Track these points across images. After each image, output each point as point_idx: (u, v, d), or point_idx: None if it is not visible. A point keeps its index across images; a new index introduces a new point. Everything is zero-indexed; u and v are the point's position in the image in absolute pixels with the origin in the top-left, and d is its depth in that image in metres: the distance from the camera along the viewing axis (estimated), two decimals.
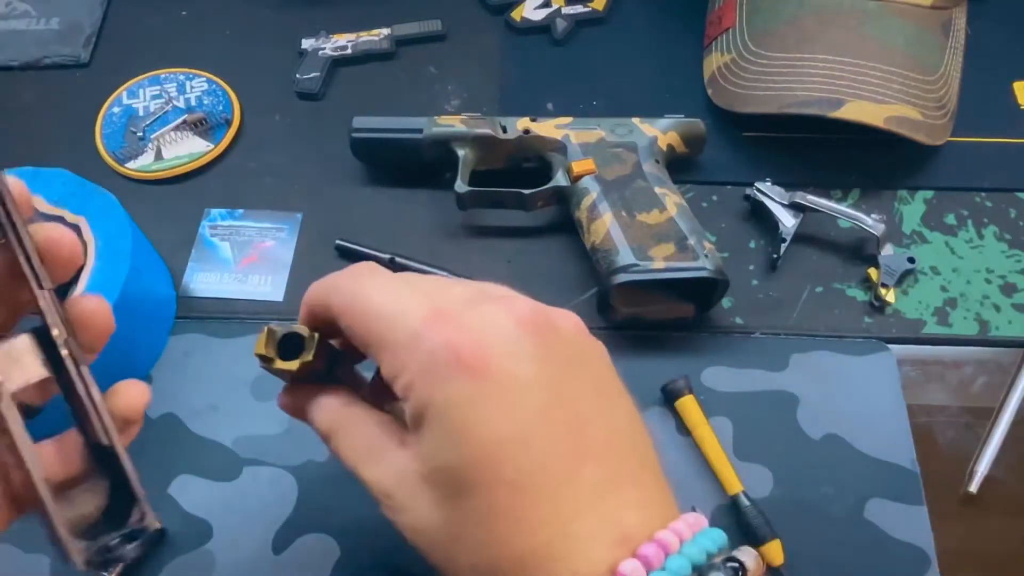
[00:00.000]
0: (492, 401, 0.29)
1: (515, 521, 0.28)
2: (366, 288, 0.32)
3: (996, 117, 0.61)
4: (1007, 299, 0.54)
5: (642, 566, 0.27)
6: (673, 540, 0.28)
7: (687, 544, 0.28)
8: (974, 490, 0.48)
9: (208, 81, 0.65)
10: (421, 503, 0.30)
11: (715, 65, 0.61)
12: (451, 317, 0.30)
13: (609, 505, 0.29)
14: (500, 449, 0.28)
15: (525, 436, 0.29)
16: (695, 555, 0.28)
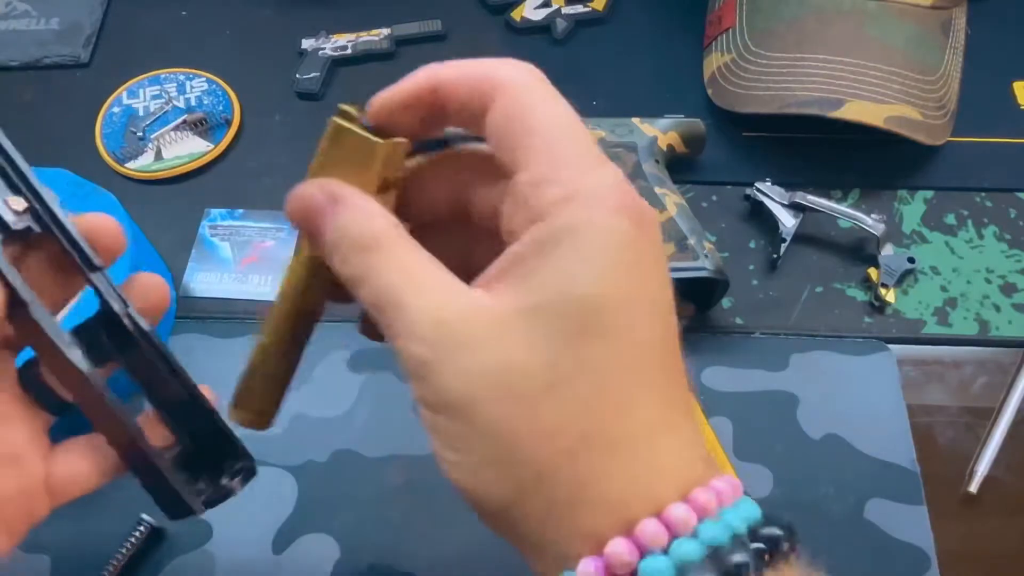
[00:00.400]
0: (643, 257, 0.25)
1: (630, 389, 0.24)
2: (546, 87, 0.28)
3: (996, 117, 0.61)
4: (1007, 299, 0.54)
5: (716, 501, 0.24)
6: (728, 495, 0.24)
7: (727, 510, 0.24)
8: (974, 490, 0.48)
9: (208, 81, 0.65)
10: (513, 342, 0.24)
11: (715, 65, 0.61)
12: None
13: (694, 428, 0.26)
14: (640, 307, 0.24)
15: (659, 309, 0.25)
16: (735, 524, 0.24)
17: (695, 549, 0.23)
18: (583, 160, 0.25)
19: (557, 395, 0.24)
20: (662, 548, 0.23)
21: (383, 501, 0.47)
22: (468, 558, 0.46)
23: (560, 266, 0.24)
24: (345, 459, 0.49)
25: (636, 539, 0.23)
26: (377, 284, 0.25)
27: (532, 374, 0.24)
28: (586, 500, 0.24)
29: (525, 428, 0.24)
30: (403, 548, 0.46)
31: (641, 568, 0.23)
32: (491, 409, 0.24)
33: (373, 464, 0.48)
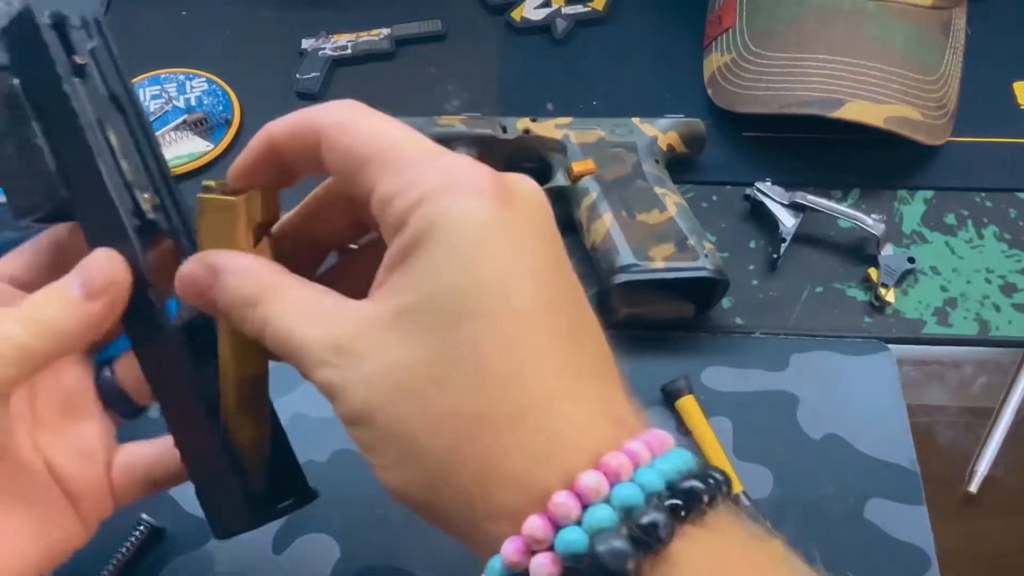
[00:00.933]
0: (513, 232, 0.26)
1: (517, 362, 0.24)
2: (364, 111, 0.28)
3: (996, 117, 0.61)
4: (1007, 299, 0.54)
5: (629, 462, 0.24)
6: (645, 453, 0.25)
7: (659, 459, 0.25)
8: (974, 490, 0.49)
9: (208, 81, 0.65)
10: (395, 343, 0.25)
11: (715, 65, 0.61)
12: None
13: (602, 389, 0.26)
14: (515, 280, 0.25)
15: (541, 277, 0.26)
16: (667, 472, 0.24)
17: (608, 515, 0.23)
18: (422, 158, 0.26)
19: (444, 383, 0.24)
20: (575, 519, 0.23)
21: (383, 501, 0.47)
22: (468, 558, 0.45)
23: (424, 263, 0.25)
24: (345, 459, 0.48)
25: (550, 514, 0.23)
26: (275, 332, 0.27)
27: (416, 369, 0.25)
28: (494, 481, 0.25)
29: (419, 422, 0.25)
30: (403, 548, 0.46)
31: (556, 543, 0.23)
32: (389, 411, 0.25)
33: None
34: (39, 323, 0.28)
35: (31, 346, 0.28)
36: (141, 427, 0.36)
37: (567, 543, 0.23)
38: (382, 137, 0.27)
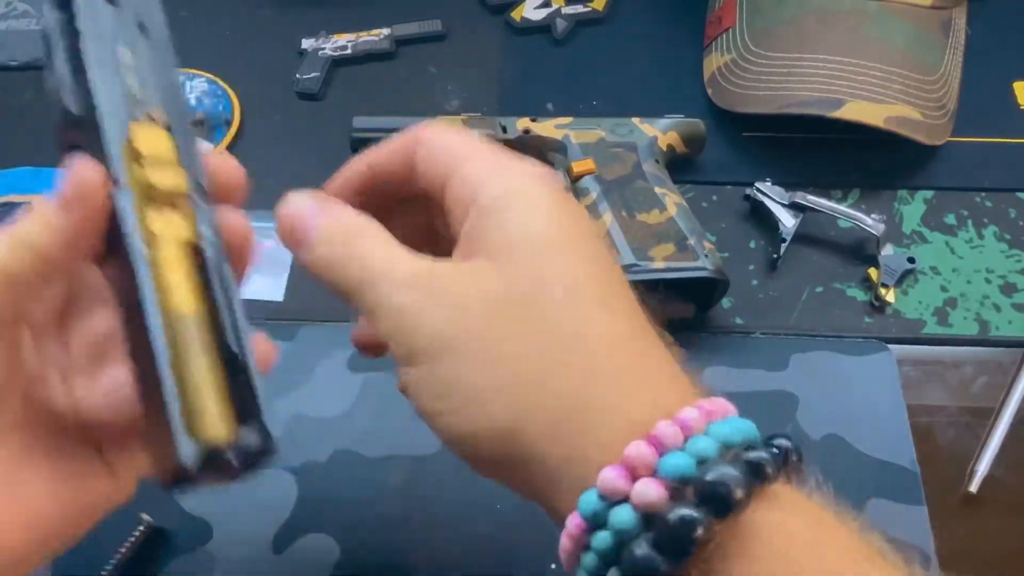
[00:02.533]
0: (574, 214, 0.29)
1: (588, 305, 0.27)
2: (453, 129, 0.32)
3: (996, 117, 0.61)
4: (1007, 299, 0.54)
5: (680, 430, 0.24)
6: (697, 419, 0.25)
7: (715, 424, 0.25)
8: (974, 490, 0.48)
9: (208, 81, 0.65)
10: (475, 278, 0.27)
11: (715, 65, 0.61)
12: None
13: (664, 353, 0.28)
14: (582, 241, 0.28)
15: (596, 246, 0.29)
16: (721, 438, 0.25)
17: (711, 445, 0.24)
18: (501, 156, 0.29)
19: (537, 311, 0.26)
20: (680, 447, 0.24)
21: (383, 501, 0.47)
22: (468, 558, 0.46)
23: (504, 219, 0.27)
24: (345, 459, 0.49)
25: (654, 440, 0.24)
26: (363, 258, 0.28)
27: (495, 301, 0.26)
28: (593, 408, 0.25)
29: (500, 352, 0.25)
30: (403, 548, 0.46)
31: (662, 465, 0.23)
32: (475, 345, 0.25)
33: (373, 464, 0.48)
34: (18, 241, 0.27)
35: (11, 267, 0.27)
36: None
37: (675, 466, 0.23)
38: (470, 141, 0.31)
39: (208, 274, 0.28)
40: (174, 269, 0.27)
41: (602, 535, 0.24)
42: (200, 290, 0.27)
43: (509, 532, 0.46)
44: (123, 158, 0.27)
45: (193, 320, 0.27)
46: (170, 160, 0.28)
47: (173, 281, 0.27)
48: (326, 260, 0.29)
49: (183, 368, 0.26)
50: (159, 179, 0.28)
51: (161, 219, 0.27)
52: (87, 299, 0.32)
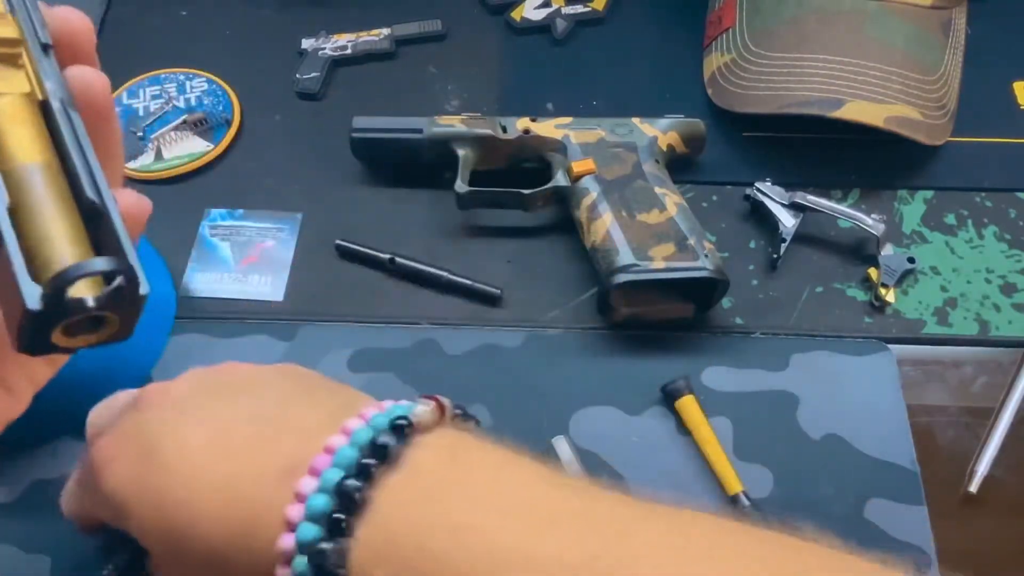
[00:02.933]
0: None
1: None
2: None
3: (996, 117, 0.61)
4: (1007, 299, 0.54)
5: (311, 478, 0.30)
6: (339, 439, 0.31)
7: (359, 430, 0.31)
8: (974, 490, 0.48)
9: (208, 81, 0.65)
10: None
11: (715, 65, 0.61)
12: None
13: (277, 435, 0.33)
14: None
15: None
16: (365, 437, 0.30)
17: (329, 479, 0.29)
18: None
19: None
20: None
21: None
22: None
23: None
24: None
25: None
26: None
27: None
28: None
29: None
30: None
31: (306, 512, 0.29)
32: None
33: None
34: None
35: None
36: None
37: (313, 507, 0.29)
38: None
39: (56, 125, 0.27)
40: (15, 122, 0.26)
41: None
42: (47, 141, 0.26)
43: None
44: None
45: (38, 167, 0.25)
46: (1, 15, 0.27)
47: (14, 133, 0.26)
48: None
49: (30, 217, 0.24)
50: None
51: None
52: None
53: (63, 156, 0.26)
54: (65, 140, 0.26)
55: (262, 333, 0.53)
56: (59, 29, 0.29)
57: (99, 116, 0.29)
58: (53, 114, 0.27)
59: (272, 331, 0.53)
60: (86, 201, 0.25)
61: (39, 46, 0.27)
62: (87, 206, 0.25)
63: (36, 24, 0.28)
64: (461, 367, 0.52)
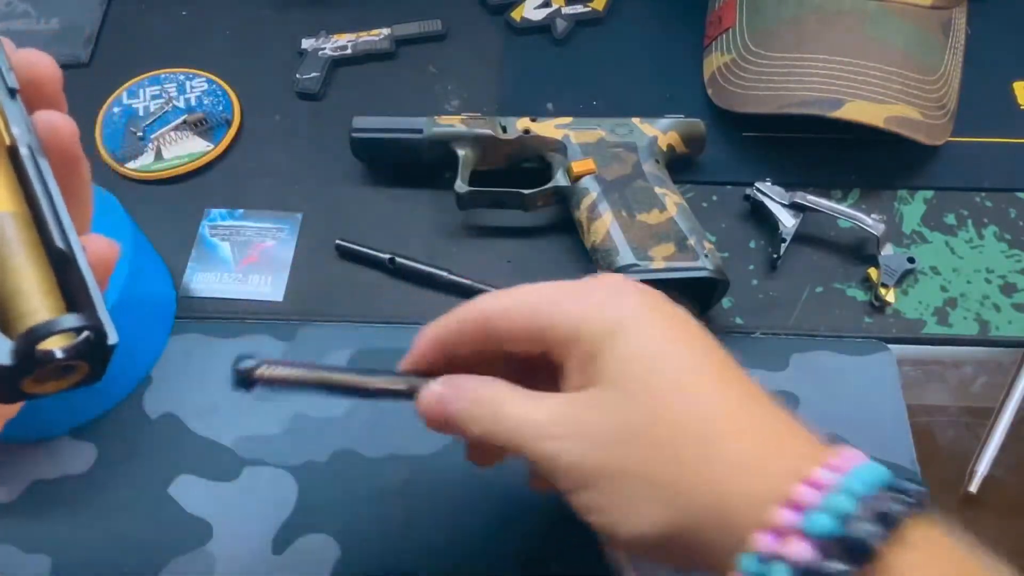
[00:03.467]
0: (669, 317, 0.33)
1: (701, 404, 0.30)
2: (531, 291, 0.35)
3: (996, 117, 0.61)
4: (1007, 299, 0.54)
5: (817, 491, 0.27)
6: (830, 477, 0.28)
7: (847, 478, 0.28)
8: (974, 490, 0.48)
9: (208, 81, 0.65)
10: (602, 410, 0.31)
11: (715, 65, 0.61)
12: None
13: (782, 422, 0.31)
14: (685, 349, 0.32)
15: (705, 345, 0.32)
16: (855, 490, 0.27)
17: (848, 502, 0.26)
18: (580, 289, 0.34)
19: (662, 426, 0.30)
20: (817, 508, 0.27)
21: (383, 501, 0.47)
22: (468, 558, 0.46)
23: (607, 350, 0.31)
24: (345, 459, 0.49)
25: (796, 504, 0.27)
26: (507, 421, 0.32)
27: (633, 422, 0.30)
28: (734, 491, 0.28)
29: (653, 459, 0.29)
30: (403, 548, 0.46)
31: (808, 526, 0.26)
32: (616, 461, 0.30)
33: (373, 464, 0.48)
34: None
35: None
36: None
37: (820, 526, 0.26)
38: (539, 290, 0.34)
39: (24, 172, 0.26)
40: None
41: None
42: (16, 188, 0.26)
43: (509, 532, 0.46)
44: None
45: (8, 216, 0.25)
46: None
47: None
48: (483, 435, 0.33)
49: (1, 268, 0.24)
50: None
51: None
52: None
53: (32, 203, 0.26)
54: (34, 187, 0.26)
55: (262, 333, 0.53)
56: (25, 73, 0.28)
57: (67, 161, 0.28)
58: (21, 160, 0.26)
59: (272, 331, 0.53)
60: (55, 249, 0.25)
61: (6, 91, 0.27)
62: (56, 254, 0.25)
63: (2, 68, 0.27)
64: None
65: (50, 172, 0.27)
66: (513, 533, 0.46)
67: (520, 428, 0.32)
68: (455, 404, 0.34)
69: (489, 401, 0.33)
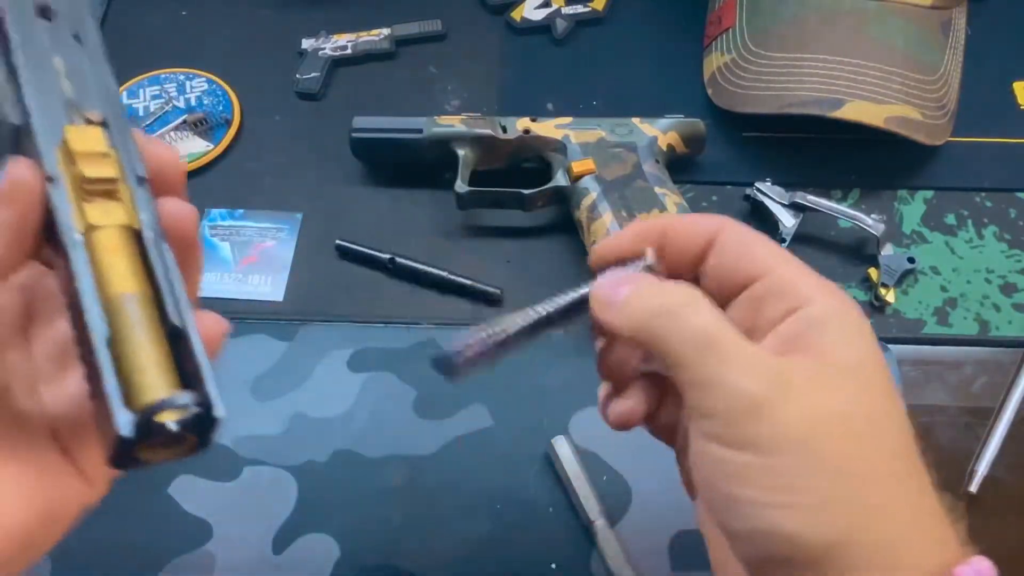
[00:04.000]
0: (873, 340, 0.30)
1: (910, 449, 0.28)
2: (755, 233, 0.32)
3: (996, 117, 0.61)
4: (1007, 299, 0.54)
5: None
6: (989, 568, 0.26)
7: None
8: (974, 490, 0.48)
9: (208, 81, 0.65)
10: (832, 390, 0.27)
11: (715, 65, 0.61)
12: None
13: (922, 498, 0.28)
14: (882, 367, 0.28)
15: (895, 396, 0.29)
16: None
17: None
18: (810, 270, 0.30)
19: (879, 441, 0.27)
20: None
21: (383, 501, 0.47)
22: (468, 558, 0.46)
23: (838, 338, 0.28)
24: (345, 459, 0.49)
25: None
26: (697, 324, 0.28)
27: (859, 419, 0.27)
28: (904, 546, 0.26)
29: (864, 468, 0.26)
30: (403, 548, 0.46)
31: None
32: (836, 447, 0.26)
33: (373, 464, 0.48)
34: None
35: None
36: None
37: None
38: (777, 247, 0.31)
39: (148, 255, 0.28)
40: (113, 252, 0.28)
41: None
42: (141, 270, 0.28)
43: (509, 532, 0.46)
44: (57, 157, 0.29)
45: (133, 298, 0.27)
46: (104, 154, 0.29)
47: (112, 263, 0.28)
48: (650, 325, 0.29)
49: (123, 344, 0.26)
50: (93, 172, 0.29)
51: (98, 209, 0.28)
52: (47, 308, 0.32)
53: (152, 283, 0.28)
54: (155, 270, 0.28)
55: (262, 333, 0.53)
56: (153, 163, 0.31)
57: (186, 246, 0.31)
58: (146, 245, 0.28)
59: (272, 331, 0.53)
60: (171, 326, 0.28)
61: (135, 179, 0.30)
62: (172, 331, 0.28)
63: (133, 158, 0.30)
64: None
65: (171, 255, 0.29)
66: (513, 533, 0.46)
67: (712, 343, 0.27)
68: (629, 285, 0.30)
69: (684, 302, 0.29)
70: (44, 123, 0.29)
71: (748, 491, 0.26)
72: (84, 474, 0.32)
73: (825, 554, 0.25)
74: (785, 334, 0.28)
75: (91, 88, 0.31)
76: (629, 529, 0.46)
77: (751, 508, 0.26)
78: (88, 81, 0.31)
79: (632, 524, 0.46)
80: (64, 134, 0.29)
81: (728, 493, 0.26)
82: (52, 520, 0.31)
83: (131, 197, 0.29)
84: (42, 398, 0.32)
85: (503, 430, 0.49)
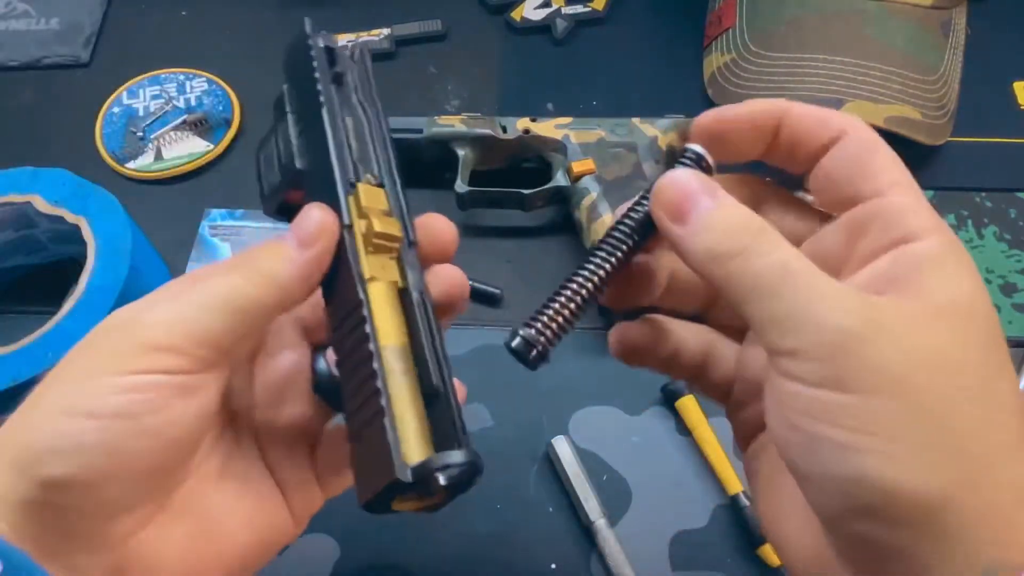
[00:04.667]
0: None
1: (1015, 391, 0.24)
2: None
3: (996, 117, 0.61)
4: (1007, 299, 0.54)
5: None
6: None
7: None
8: None
9: (208, 81, 0.65)
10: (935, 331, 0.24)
11: (715, 65, 0.61)
12: None
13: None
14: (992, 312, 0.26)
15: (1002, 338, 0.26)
16: None
17: None
18: (923, 201, 0.26)
19: (993, 391, 0.23)
20: None
21: None
22: (468, 558, 0.46)
23: (946, 281, 0.24)
24: None
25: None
26: (777, 256, 0.25)
27: (966, 366, 0.23)
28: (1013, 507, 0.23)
29: (972, 415, 0.23)
30: (403, 548, 0.46)
31: None
32: (941, 392, 0.23)
33: None
34: (260, 274, 0.29)
35: (254, 295, 0.29)
36: None
37: None
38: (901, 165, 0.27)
39: (412, 312, 0.30)
40: (386, 305, 0.30)
41: None
42: (404, 325, 0.30)
43: (509, 532, 0.46)
44: (350, 207, 0.31)
45: (398, 350, 0.29)
46: (387, 212, 0.32)
47: (384, 316, 0.29)
48: (721, 249, 0.26)
49: (390, 394, 0.28)
50: (381, 227, 0.31)
51: (376, 262, 0.30)
52: (273, 343, 0.33)
53: (413, 340, 0.30)
54: (419, 327, 0.30)
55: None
56: (429, 232, 0.34)
57: (451, 309, 0.34)
58: (411, 302, 0.30)
59: None
60: (429, 384, 0.29)
61: (407, 243, 0.32)
62: (429, 388, 0.29)
63: (407, 223, 0.32)
64: (461, 367, 0.51)
65: (435, 316, 0.31)
66: (513, 533, 0.46)
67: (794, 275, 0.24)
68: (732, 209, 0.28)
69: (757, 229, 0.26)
70: (342, 175, 0.31)
71: (837, 433, 0.23)
72: (292, 510, 0.33)
73: (923, 512, 0.22)
74: (883, 271, 0.25)
75: (373, 149, 0.34)
76: (629, 529, 0.46)
77: (840, 452, 0.23)
78: (369, 145, 0.34)
79: (632, 524, 0.46)
80: (357, 189, 0.31)
81: (814, 433, 0.23)
82: (264, 549, 0.32)
83: (401, 256, 0.31)
84: (260, 430, 0.33)
85: (503, 430, 0.49)
